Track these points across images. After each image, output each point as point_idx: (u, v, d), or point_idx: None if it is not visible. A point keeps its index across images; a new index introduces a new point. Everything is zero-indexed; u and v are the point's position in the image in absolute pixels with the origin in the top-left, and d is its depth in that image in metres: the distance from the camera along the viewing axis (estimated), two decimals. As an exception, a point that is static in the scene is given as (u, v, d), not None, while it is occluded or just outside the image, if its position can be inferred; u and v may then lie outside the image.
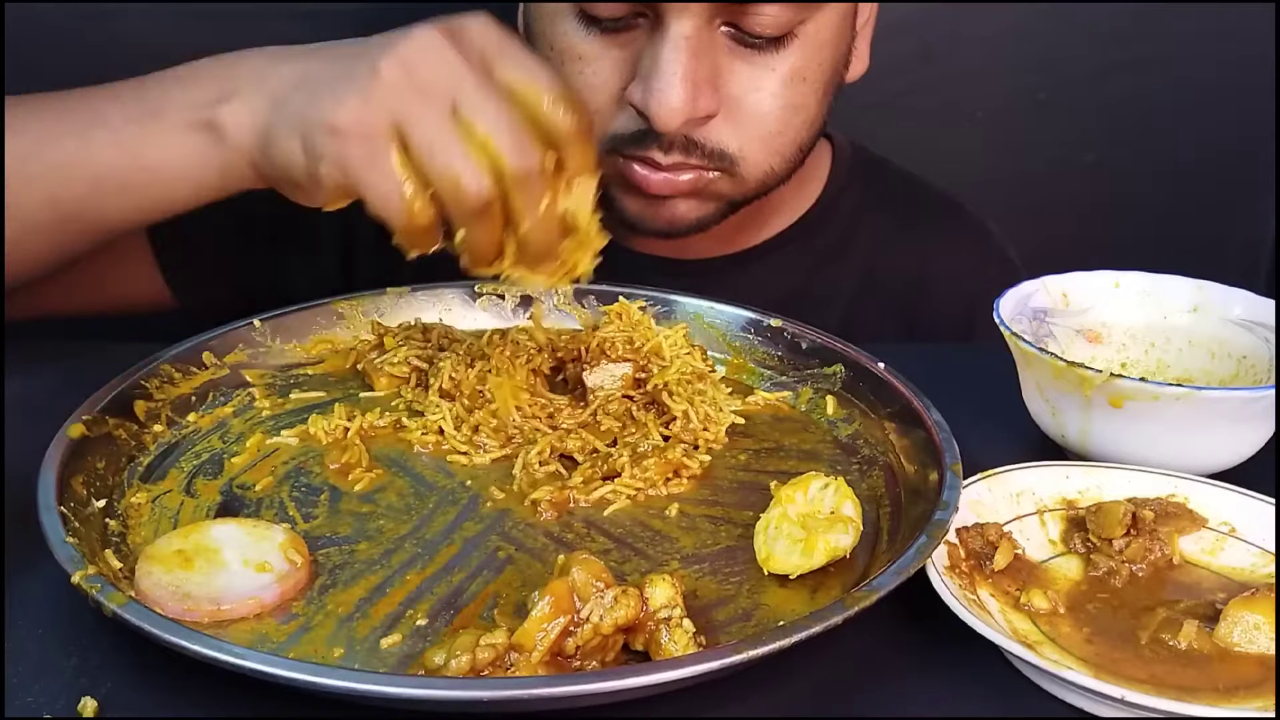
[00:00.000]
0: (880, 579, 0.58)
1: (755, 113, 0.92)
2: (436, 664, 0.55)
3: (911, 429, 0.74)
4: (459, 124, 0.66)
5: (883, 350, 0.81)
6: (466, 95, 0.66)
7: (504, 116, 0.66)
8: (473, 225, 0.67)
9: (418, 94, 0.66)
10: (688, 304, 0.89)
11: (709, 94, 0.89)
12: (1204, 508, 0.68)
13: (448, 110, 0.66)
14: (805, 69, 0.92)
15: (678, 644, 0.57)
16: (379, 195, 0.67)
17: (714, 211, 0.98)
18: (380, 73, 0.67)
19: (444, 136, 0.65)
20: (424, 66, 0.67)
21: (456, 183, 0.66)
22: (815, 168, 1.12)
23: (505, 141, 0.66)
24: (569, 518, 0.70)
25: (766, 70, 0.91)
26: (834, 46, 0.94)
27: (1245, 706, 0.55)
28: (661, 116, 0.87)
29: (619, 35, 0.90)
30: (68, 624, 0.60)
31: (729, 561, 0.66)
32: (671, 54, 0.86)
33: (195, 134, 0.75)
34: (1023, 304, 0.81)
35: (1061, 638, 0.60)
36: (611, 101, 0.92)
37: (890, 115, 1.44)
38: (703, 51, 0.88)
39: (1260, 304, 0.81)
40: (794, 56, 0.91)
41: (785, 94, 0.92)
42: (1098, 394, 0.71)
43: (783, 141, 0.94)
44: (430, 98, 0.66)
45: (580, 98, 0.69)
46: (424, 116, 0.66)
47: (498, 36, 0.69)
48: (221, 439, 0.77)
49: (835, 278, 1.10)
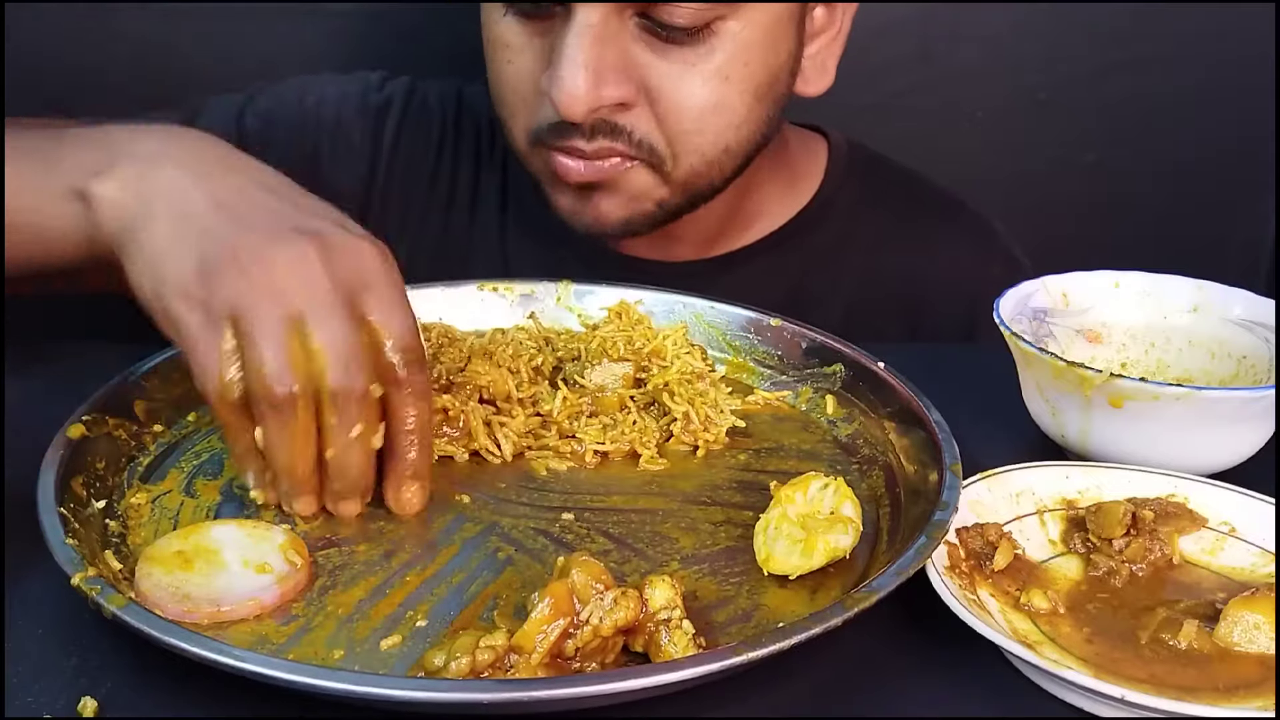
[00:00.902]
0: (880, 580, 0.58)
1: (674, 108, 0.92)
2: (436, 665, 0.55)
3: (911, 429, 0.74)
4: (295, 331, 0.64)
5: (883, 350, 0.81)
6: (314, 310, 0.64)
7: (342, 338, 0.64)
8: (268, 421, 0.65)
9: (265, 290, 0.64)
10: (688, 303, 0.89)
11: (615, 81, 0.89)
12: (1204, 508, 0.68)
13: (287, 315, 0.64)
14: (727, 68, 0.92)
15: (677, 645, 0.56)
16: (198, 364, 0.65)
17: (643, 214, 0.98)
18: (238, 258, 0.65)
19: (271, 332, 0.64)
20: (284, 271, 0.65)
21: (262, 370, 0.63)
22: (808, 166, 1.12)
23: (334, 357, 0.64)
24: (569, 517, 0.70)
25: (685, 65, 0.91)
26: (764, 49, 0.93)
27: (1245, 706, 0.55)
28: (563, 103, 0.88)
29: (539, 23, 0.92)
30: (68, 624, 0.60)
31: (729, 562, 0.66)
32: (574, 41, 0.87)
33: (69, 201, 0.73)
34: (1023, 304, 0.81)
35: (1061, 638, 0.60)
36: (532, 90, 0.93)
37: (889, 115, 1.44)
38: (609, 39, 0.88)
39: (1260, 304, 0.81)
40: (715, 55, 0.91)
41: (702, 91, 0.92)
42: (1098, 394, 0.71)
43: (702, 141, 0.94)
44: (275, 297, 0.64)
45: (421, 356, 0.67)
46: (261, 310, 0.64)
47: (377, 266, 0.67)
48: (221, 439, 0.77)
49: (833, 277, 1.09)
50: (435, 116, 1.12)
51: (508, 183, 1.10)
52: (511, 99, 0.96)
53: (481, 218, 1.10)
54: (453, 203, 1.11)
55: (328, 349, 0.64)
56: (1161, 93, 1.49)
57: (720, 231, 1.08)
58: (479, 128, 1.12)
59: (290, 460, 0.66)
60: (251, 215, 0.69)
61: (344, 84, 1.12)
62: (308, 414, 0.65)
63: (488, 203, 1.11)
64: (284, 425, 0.65)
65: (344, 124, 1.10)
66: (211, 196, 0.69)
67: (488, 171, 1.11)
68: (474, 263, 1.09)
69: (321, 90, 1.11)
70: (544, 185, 0.99)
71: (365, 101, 1.11)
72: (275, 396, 0.64)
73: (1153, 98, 1.49)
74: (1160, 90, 1.48)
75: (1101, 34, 1.46)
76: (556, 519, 0.70)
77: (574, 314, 0.91)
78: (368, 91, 1.12)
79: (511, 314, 0.91)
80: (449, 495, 0.72)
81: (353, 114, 1.10)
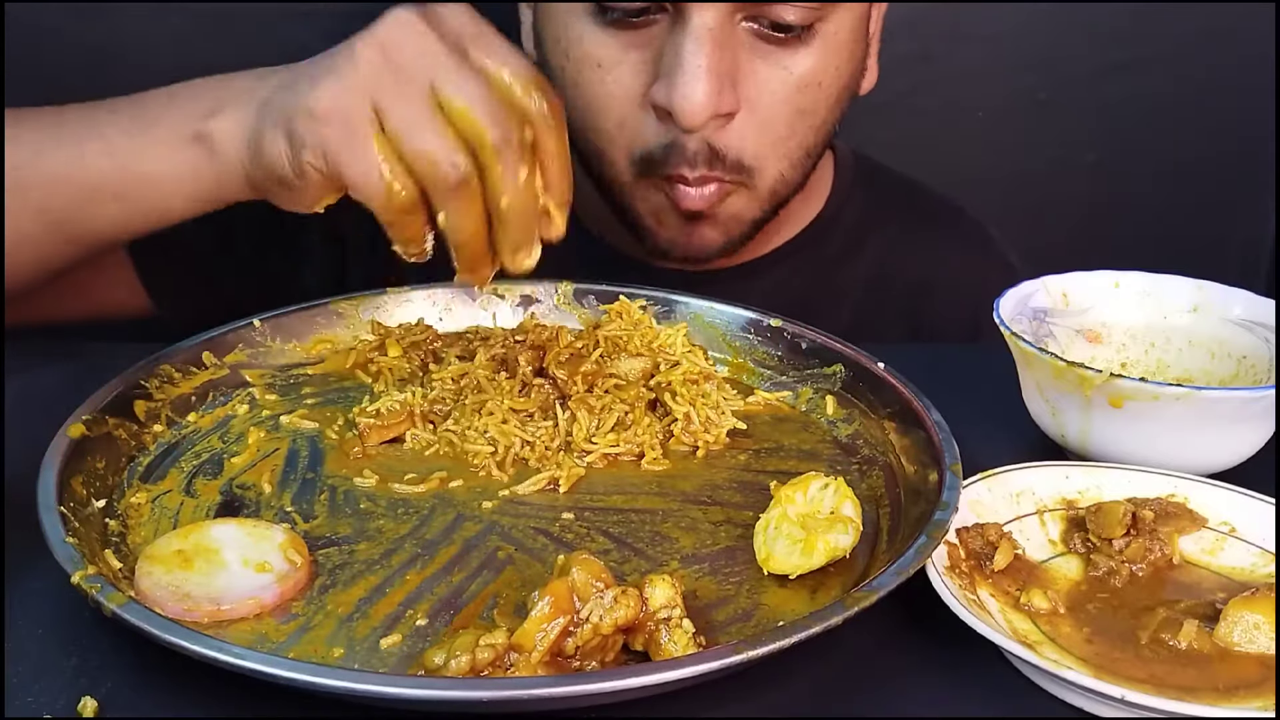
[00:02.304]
0: (880, 579, 0.58)
1: (769, 115, 0.91)
2: (436, 664, 0.55)
3: (911, 429, 0.74)
4: (436, 103, 0.66)
5: (882, 350, 0.81)
6: (443, 73, 0.67)
7: (481, 91, 0.67)
8: (451, 203, 0.67)
9: (394, 75, 0.67)
10: (688, 304, 0.89)
11: (729, 89, 0.88)
12: (1204, 508, 0.68)
13: (425, 90, 0.67)
14: (821, 73, 0.91)
15: (677, 644, 0.57)
16: (358, 175, 0.68)
17: (737, 235, 0.98)
18: (357, 57, 0.68)
19: (421, 116, 0.66)
20: (401, 48, 0.67)
21: (434, 160, 0.66)
22: (819, 177, 1.11)
23: (483, 113, 0.66)
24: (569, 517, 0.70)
25: (781, 70, 0.90)
26: (850, 50, 0.94)
27: (1245, 706, 0.55)
28: (687, 112, 0.86)
29: (637, 33, 0.89)
30: (68, 624, 0.60)
31: (729, 561, 0.66)
32: (695, 47, 0.85)
33: (188, 147, 0.76)
34: (1023, 304, 0.81)
35: (1061, 638, 0.60)
36: (635, 108, 0.91)
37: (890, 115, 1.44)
38: (725, 45, 0.87)
39: (1260, 304, 0.81)
40: (811, 58, 0.90)
41: (797, 98, 0.91)
42: (1098, 394, 0.71)
43: (790, 146, 0.94)
44: (407, 78, 0.67)
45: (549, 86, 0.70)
46: (400, 97, 0.66)
47: (473, 20, 0.69)
48: (221, 439, 0.77)
49: (840, 287, 1.10)
50: None
51: None
52: (609, 122, 0.93)
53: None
54: None
55: (474, 108, 0.66)
56: (1161, 93, 1.49)
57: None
58: None
59: (476, 229, 0.68)
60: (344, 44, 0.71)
61: None
62: (478, 185, 0.67)
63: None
64: (464, 200, 0.67)
65: None
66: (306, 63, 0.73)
67: None
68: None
69: None
70: (644, 220, 0.97)
71: None
72: (451, 180, 0.66)
73: (1153, 98, 1.49)
74: (1160, 90, 1.49)
75: (1101, 34, 1.47)
76: (556, 518, 0.70)
77: (574, 314, 0.91)
78: None
79: (512, 314, 0.91)
80: (449, 495, 0.72)
81: None
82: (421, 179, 0.67)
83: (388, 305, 0.90)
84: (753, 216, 0.97)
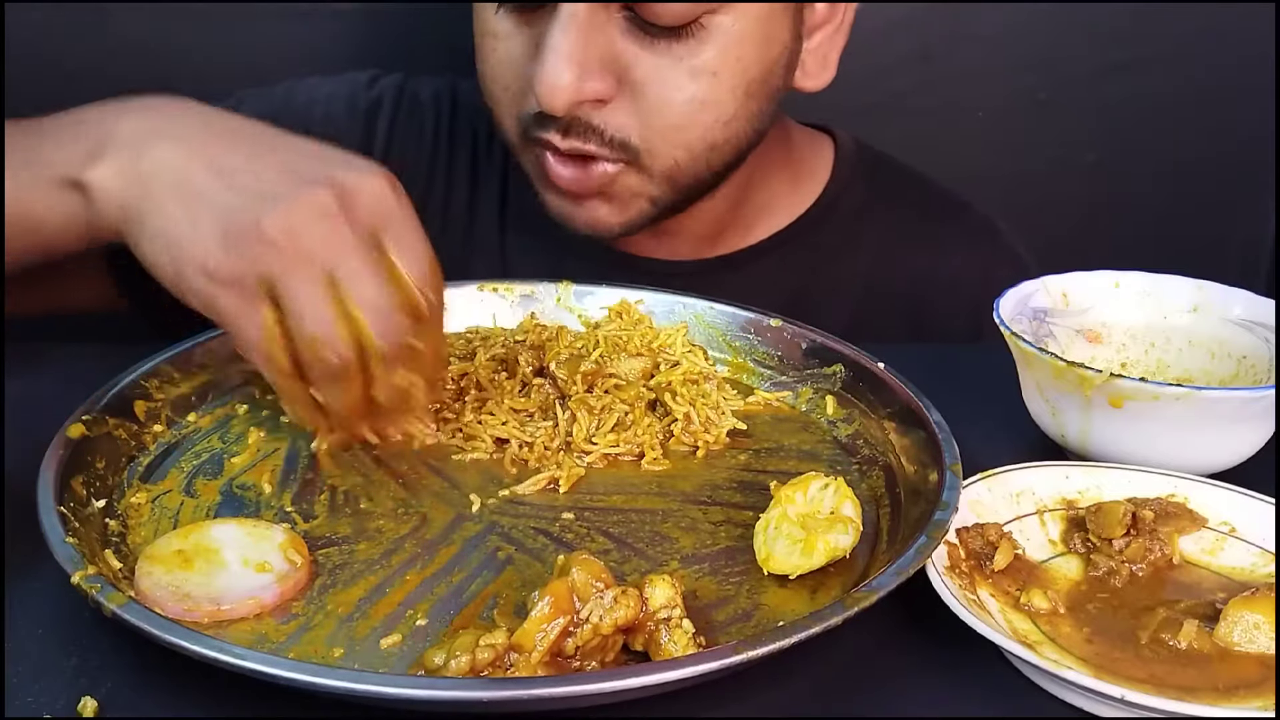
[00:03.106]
0: (880, 579, 0.58)
1: (658, 103, 0.90)
2: (436, 664, 0.55)
3: (911, 429, 0.74)
4: (332, 290, 0.67)
5: (882, 350, 0.81)
6: (346, 267, 0.67)
7: (377, 296, 0.68)
8: (328, 387, 0.69)
9: (296, 258, 0.66)
10: (688, 304, 0.89)
11: (599, 76, 0.88)
12: (1204, 508, 0.68)
13: (324, 276, 0.67)
14: (716, 63, 0.90)
15: (677, 644, 0.56)
16: (245, 341, 0.69)
17: (635, 216, 0.97)
18: (263, 230, 0.66)
19: (313, 303, 0.67)
20: (309, 233, 0.67)
21: (317, 347, 0.67)
22: (814, 165, 1.11)
23: (374, 321, 0.67)
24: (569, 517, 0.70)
25: (672, 60, 0.89)
26: (756, 45, 0.92)
27: (1245, 706, 0.55)
28: (543, 95, 0.87)
29: (528, 14, 0.91)
30: (68, 624, 0.60)
31: (729, 562, 0.66)
32: (559, 33, 0.86)
33: (63, 191, 0.74)
34: (1023, 304, 0.81)
35: (1061, 638, 0.60)
36: (520, 78, 0.92)
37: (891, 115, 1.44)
38: (594, 31, 0.87)
39: (1260, 304, 0.81)
40: (704, 49, 0.89)
41: (691, 87, 0.90)
42: (1098, 394, 0.71)
43: (688, 137, 0.92)
44: (308, 261, 0.67)
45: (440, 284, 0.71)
46: (298, 279, 0.66)
47: (389, 202, 0.69)
48: (221, 439, 0.77)
49: (839, 278, 1.09)
50: (429, 114, 1.10)
51: (507, 180, 1.09)
52: (496, 88, 0.95)
53: (480, 217, 1.09)
54: (449, 202, 1.09)
55: (368, 307, 0.67)
56: (1161, 93, 1.49)
57: (723, 230, 1.07)
58: (475, 124, 1.10)
59: (346, 410, 0.71)
60: (257, 177, 0.69)
61: (333, 85, 1.11)
62: (357, 367, 0.68)
63: (486, 201, 1.09)
64: (339, 384, 0.69)
65: (334, 126, 1.08)
66: (211, 166, 0.70)
67: (486, 168, 1.10)
68: (473, 263, 1.07)
69: (310, 92, 1.10)
70: (535, 183, 0.98)
71: (354, 103, 1.09)
72: (331, 368, 0.68)
73: (1153, 98, 1.49)
74: (1160, 90, 1.49)
75: (1101, 34, 1.47)
76: (556, 518, 0.70)
77: (574, 314, 0.91)
78: (356, 92, 1.10)
79: (512, 314, 0.91)
80: (449, 495, 0.72)
81: (342, 115, 1.09)
82: (304, 361, 0.68)
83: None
84: (650, 194, 0.95)
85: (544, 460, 0.75)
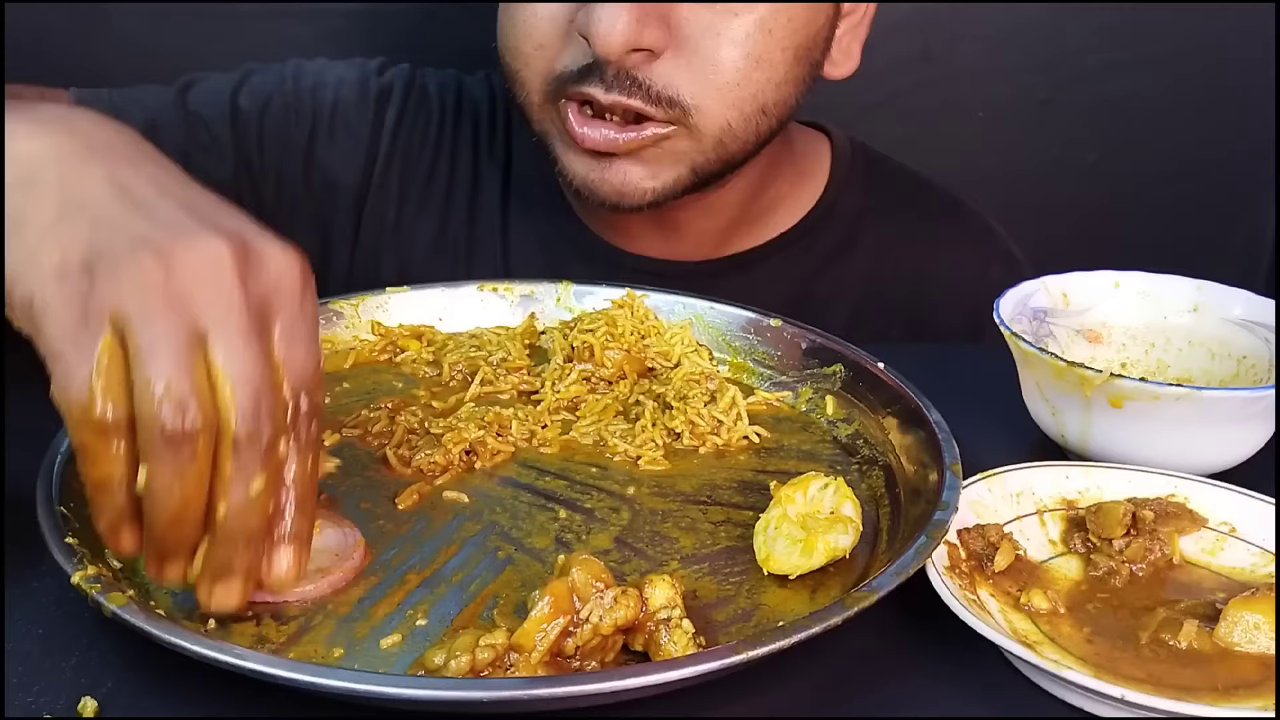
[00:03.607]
0: (880, 579, 0.58)
1: (712, 58, 0.88)
2: (436, 664, 0.55)
3: (911, 429, 0.74)
4: (198, 351, 0.52)
5: (882, 350, 0.81)
6: (223, 333, 0.53)
7: (254, 373, 0.53)
8: (158, 458, 0.51)
9: (166, 299, 0.52)
10: (688, 304, 0.89)
11: (657, 25, 0.86)
12: (1204, 508, 0.68)
13: (191, 328, 0.52)
14: (771, 20, 0.89)
15: (677, 644, 0.56)
16: (61, 369, 0.53)
17: (671, 183, 0.93)
18: (139, 256, 0.53)
19: (167, 342, 0.51)
20: (193, 278, 0.53)
21: (158, 394, 0.51)
22: (814, 166, 1.10)
23: (244, 396, 0.52)
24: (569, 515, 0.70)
25: (728, 14, 0.88)
26: (805, 8, 0.91)
27: (1245, 706, 0.55)
28: (601, 37, 0.83)
29: None
30: (68, 624, 0.60)
31: (729, 562, 0.66)
32: None
33: None
34: (1023, 304, 0.81)
35: (1061, 638, 0.60)
36: (558, 32, 0.89)
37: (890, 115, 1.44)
38: None
39: (1260, 304, 0.81)
40: (759, 4, 0.88)
41: (747, 43, 0.89)
42: (1098, 394, 0.71)
43: (741, 95, 0.90)
44: (178, 306, 0.52)
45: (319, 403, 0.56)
46: (160, 321, 0.52)
47: (294, 289, 0.55)
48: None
49: (838, 280, 1.09)
50: (435, 106, 1.09)
51: (510, 176, 1.08)
52: (527, 45, 0.91)
53: (483, 213, 1.08)
54: (452, 196, 1.08)
55: (238, 381, 0.52)
56: (1162, 93, 1.49)
57: (730, 230, 1.06)
58: (478, 117, 1.09)
59: (176, 512, 0.53)
60: (157, 204, 0.56)
61: (342, 69, 1.08)
62: (205, 456, 0.52)
63: (488, 197, 1.08)
64: (176, 466, 0.52)
65: (343, 109, 1.06)
66: (110, 176, 0.57)
67: (488, 164, 1.08)
68: (474, 259, 1.07)
69: (319, 73, 1.07)
70: (554, 149, 0.94)
71: (365, 88, 1.07)
72: (171, 428, 0.51)
73: (1153, 98, 1.49)
74: (1161, 90, 1.49)
75: (1101, 34, 1.47)
76: (556, 518, 0.70)
77: (573, 314, 0.91)
78: (368, 77, 1.08)
79: (511, 314, 0.91)
80: (448, 495, 0.72)
81: (353, 99, 1.07)
82: (136, 410, 0.52)
83: (388, 305, 0.90)
84: (695, 161, 0.92)
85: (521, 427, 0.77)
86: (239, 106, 1.03)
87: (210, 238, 0.54)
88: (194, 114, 1.01)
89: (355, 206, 1.06)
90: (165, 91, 1.02)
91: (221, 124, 1.02)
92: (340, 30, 1.36)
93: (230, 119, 1.02)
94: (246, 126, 1.02)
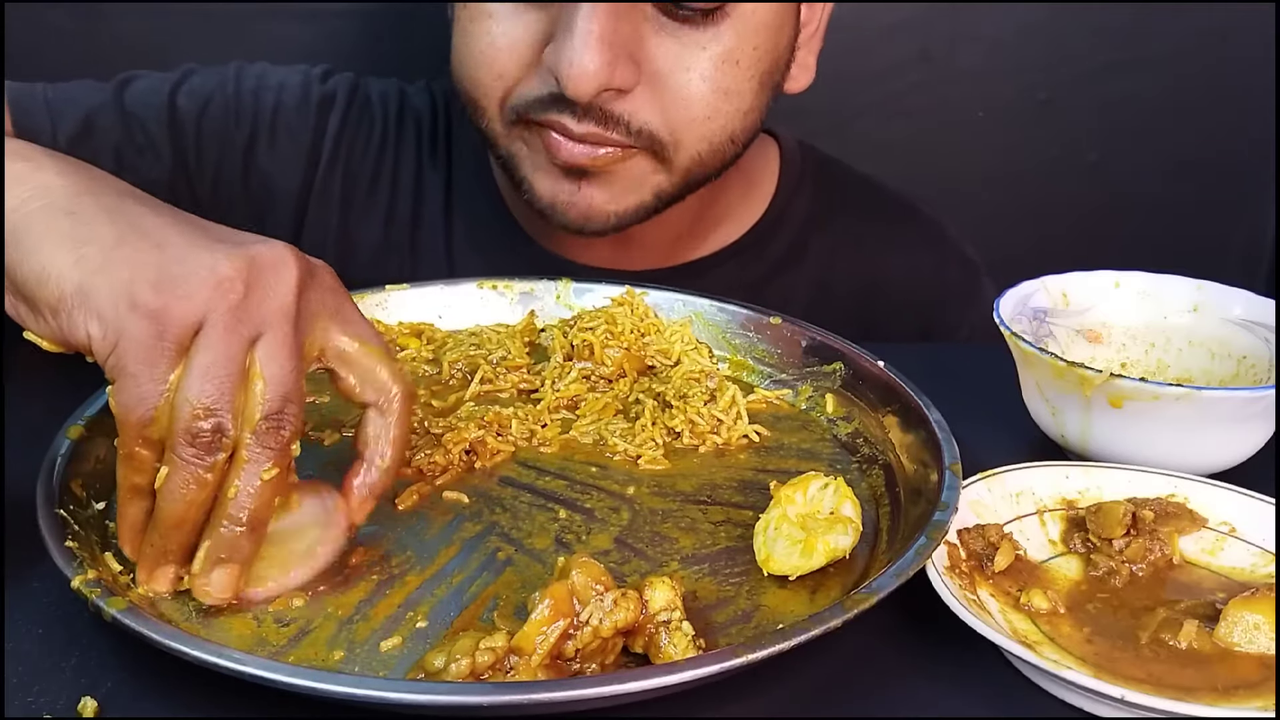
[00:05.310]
0: (880, 580, 0.58)
1: (683, 93, 0.88)
2: (436, 667, 0.55)
3: (911, 428, 0.74)
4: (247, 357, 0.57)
5: (883, 349, 0.81)
6: (271, 338, 0.58)
7: (288, 375, 0.58)
8: (182, 469, 0.56)
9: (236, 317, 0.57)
10: (688, 301, 0.89)
11: (627, 64, 0.85)
12: (1204, 508, 0.68)
13: (249, 343, 0.57)
14: (738, 51, 0.88)
15: (677, 647, 0.56)
16: (134, 388, 0.56)
17: (634, 208, 0.93)
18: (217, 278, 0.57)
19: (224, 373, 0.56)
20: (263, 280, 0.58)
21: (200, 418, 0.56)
22: (763, 172, 1.09)
23: (275, 394, 0.57)
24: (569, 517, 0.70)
25: (696, 49, 0.87)
26: (771, 34, 0.91)
27: (1245, 706, 0.55)
28: (573, 79, 0.82)
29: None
30: (68, 624, 0.60)
31: (729, 562, 0.66)
32: (589, 13, 0.82)
33: None
34: (1023, 304, 0.81)
35: (1061, 638, 0.60)
36: (520, 66, 0.88)
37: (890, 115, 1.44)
38: (624, 15, 0.84)
39: (1260, 304, 0.81)
40: (726, 36, 0.88)
41: (716, 76, 0.88)
42: (1098, 394, 0.71)
43: (712, 127, 0.90)
44: (246, 324, 0.57)
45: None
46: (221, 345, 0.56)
47: (338, 297, 0.62)
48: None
49: (789, 286, 1.08)
50: (377, 114, 1.07)
51: (452, 187, 1.07)
52: (485, 75, 0.90)
53: (426, 220, 1.06)
54: (395, 204, 1.06)
55: (269, 386, 0.57)
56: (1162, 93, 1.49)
57: (681, 239, 1.05)
58: (420, 127, 1.08)
59: (183, 513, 0.57)
60: (206, 228, 0.61)
61: (285, 74, 1.06)
62: (221, 468, 0.57)
63: (431, 205, 1.07)
64: (194, 475, 0.56)
65: (284, 114, 1.04)
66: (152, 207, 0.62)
67: (431, 171, 1.07)
68: (418, 267, 1.05)
69: (261, 76, 1.05)
70: (522, 170, 0.93)
71: (308, 94, 1.05)
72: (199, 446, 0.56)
73: (1153, 98, 1.49)
74: (1161, 90, 1.49)
75: (1101, 34, 1.47)
76: (556, 518, 0.70)
77: (573, 311, 0.91)
78: (310, 84, 1.06)
79: (511, 312, 0.91)
80: (448, 495, 0.72)
81: (294, 105, 1.05)
82: (174, 415, 0.56)
83: (387, 303, 0.90)
84: (661, 187, 0.92)
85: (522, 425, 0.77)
86: (177, 106, 1.01)
87: (274, 248, 0.59)
88: (130, 113, 0.99)
89: (296, 212, 1.04)
90: (102, 89, 1.00)
91: (158, 124, 1.00)
92: (336, 31, 1.36)
93: (168, 119, 1.00)
94: (184, 126, 1.01)
